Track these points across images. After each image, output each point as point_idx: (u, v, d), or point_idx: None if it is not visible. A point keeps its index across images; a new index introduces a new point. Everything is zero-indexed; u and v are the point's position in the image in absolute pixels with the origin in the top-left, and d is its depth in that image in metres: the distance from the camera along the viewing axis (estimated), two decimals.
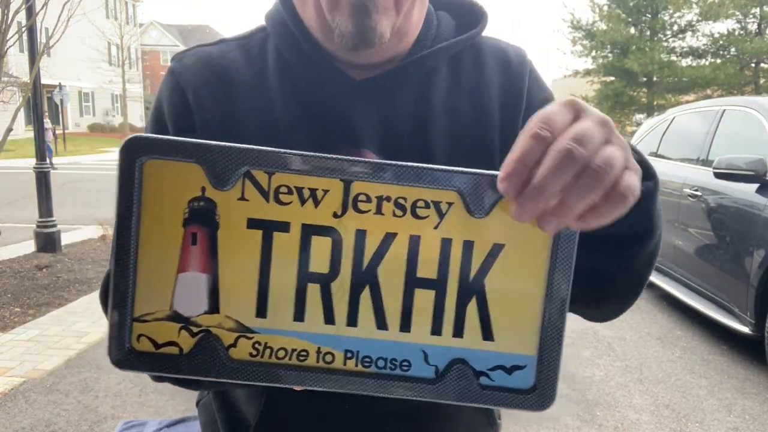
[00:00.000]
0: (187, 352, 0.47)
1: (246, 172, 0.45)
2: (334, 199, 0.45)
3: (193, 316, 0.47)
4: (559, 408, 3.09)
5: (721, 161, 3.88)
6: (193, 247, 0.46)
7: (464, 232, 0.46)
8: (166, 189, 0.45)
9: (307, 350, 0.48)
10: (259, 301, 0.47)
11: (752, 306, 3.53)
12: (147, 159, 0.44)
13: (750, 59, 18.50)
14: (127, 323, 0.47)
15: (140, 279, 0.46)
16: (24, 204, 10.01)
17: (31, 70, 5.91)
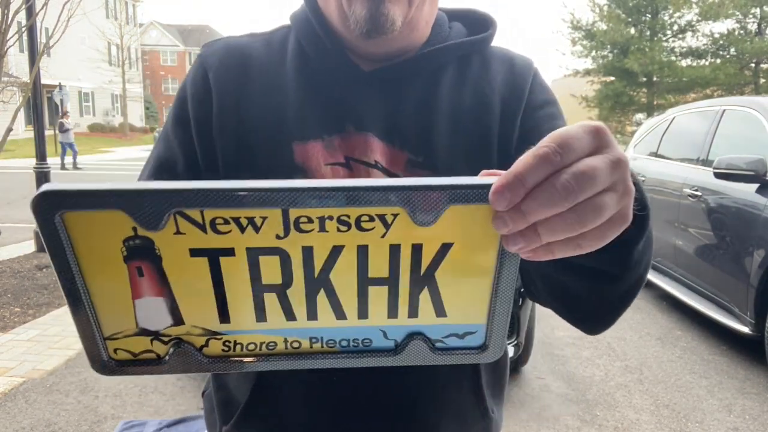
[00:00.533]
0: (163, 356, 0.50)
1: (176, 211, 0.43)
2: (274, 224, 0.44)
3: (160, 329, 0.49)
4: (559, 408, 3.09)
5: (721, 161, 3.88)
6: (141, 278, 0.46)
7: (412, 238, 0.45)
8: (95, 235, 0.43)
9: (275, 341, 0.50)
10: (220, 310, 0.48)
11: (752, 306, 3.53)
12: (65, 212, 0.42)
13: (750, 59, 18.49)
14: (99, 343, 0.49)
15: (99, 312, 0.48)
16: (24, 204, 10.01)
17: (31, 70, 5.91)
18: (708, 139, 4.54)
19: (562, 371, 3.55)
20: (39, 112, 6.42)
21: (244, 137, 0.73)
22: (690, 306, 4.27)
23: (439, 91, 0.75)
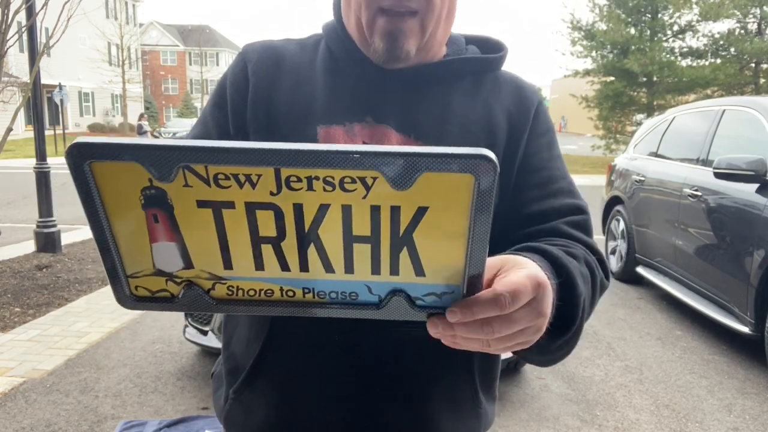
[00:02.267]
0: (176, 295, 0.57)
1: (184, 166, 0.50)
2: (268, 182, 0.50)
3: (173, 271, 0.56)
4: (559, 408, 3.09)
5: (721, 161, 3.88)
6: (156, 224, 0.53)
7: (390, 200, 0.51)
8: (118, 182, 0.51)
9: (272, 289, 0.57)
10: (224, 258, 0.55)
11: (752, 306, 3.53)
12: (92, 162, 0.49)
13: (750, 59, 18.47)
14: (123, 279, 0.57)
15: (123, 252, 0.55)
16: (24, 204, 10.01)
17: (31, 70, 5.91)
18: (708, 139, 4.54)
19: (562, 371, 3.55)
20: (39, 112, 6.42)
21: (274, 121, 0.82)
22: (690, 306, 4.27)
23: (453, 97, 0.83)
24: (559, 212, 0.80)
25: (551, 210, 0.80)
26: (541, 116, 0.87)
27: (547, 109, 0.91)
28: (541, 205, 0.81)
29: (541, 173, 0.83)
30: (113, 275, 0.57)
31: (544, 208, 0.81)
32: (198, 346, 3.34)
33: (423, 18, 0.78)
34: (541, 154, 0.84)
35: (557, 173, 0.84)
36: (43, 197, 6.34)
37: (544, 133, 0.86)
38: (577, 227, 0.79)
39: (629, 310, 4.80)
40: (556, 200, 0.81)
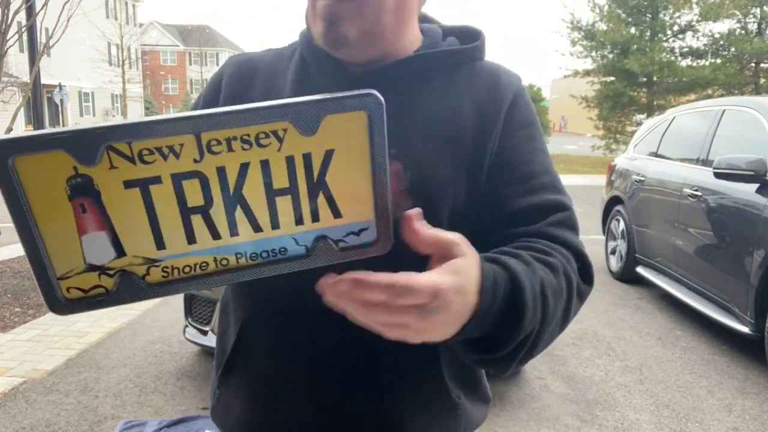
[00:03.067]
0: (111, 289, 0.57)
1: (108, 146, 0.51)
2: (190, 149, 0.53)
3: (105, 263, 0.56)
4: (559, 408, 3.09)
5: (721, 161, 3.87)
6: (85, 215, 0.53)
7: (301, 148, 0.56)
8: (42, 176, 0.51)
9: (207, 261, 0.58)
10: (155, 238, 0.56)
11: (752, 306, 3.53)
12: (15, 156, 0.49)
13: (750, 59, 18.46)
14: (53, 283, 0.55)
15: (50, 252, 0.54)
16: None
17: (31, 70, 5.91)
18: (708, 139, 4.54)
19: (562, 371, 3.55)
20: (39, 112, 6.42)
21: None
22: (690, 306, 4.26)
23: (420, 96, 0.81)
24: (541, 210, 0.77)
25: (533, 207, 0.77)
26: (519, 108, 0.82)
27: (528, 101, 0.86)
28: (522, 203, 0.77)
29: (521, 168, 0.80)
30: (44, 281, 0.55)
31: (525, 205, 0.77)
32: (198, 346, 3.34)
33: (359, 2, 0.76)
34: (520, 149, 0.80)
35: (538, 168, 0.80)
36: None
37: (523, 127, 0.82)
38: (562, 225, 0.77)
39: (629, 310, 4.80)
40: (538, 197, 0.78)
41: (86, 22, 26.25)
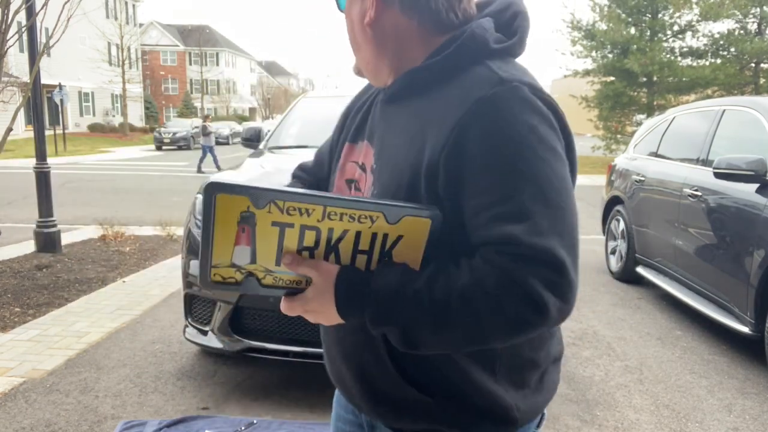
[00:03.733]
0: (239, 281, 0.87)
1: (272, 201, 0.82)
2: (317, 214, 0.84)
3: (242, 265, 0.85)
4: (559, 408, 3.09)
5: (721, 161, 3.87)
6: (242, 234, 0.83)
7: (384, 230, 0.86)
8: (228, 206, 0.81)
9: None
10: (277, 258, 0.86)
11: (752, 306, 3.52)
12: (219, 194, 0.80)
13: (750, 59, 18.46)
14: (208, 268, 0.85)
15: (214, 249, 0.84)
16: (24, 204, 10.00)
17: (31, 70, 5.91)
18: (708, 139, 4.54)
19: (562, 371, 3.54)
20: (39, 112, 6.41)
21: (339, 138, 1.14)
22: (690, 306, 4.26)
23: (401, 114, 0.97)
24: (489, 244, 0.81)
25: (482, 242, 0.82)
26: (472, 134, 0.83)
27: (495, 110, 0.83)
28: (475, 238, 0.84)
29: (476, 201, 0.83)
30: (203, 266, 0.84)
31: (476, 242, 0.83)
32: (198, 346, 3.33)
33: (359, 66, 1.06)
34: (476, 181, 0.83)
35: (493, 199, 0.82)
36: (43, 197, 6.33)
37: (478, 156, 0.83)
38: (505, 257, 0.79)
39: (629, 310, 4.80)
40: (485, 231, 0.82)
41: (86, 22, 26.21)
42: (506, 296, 0.78)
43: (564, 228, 0.81)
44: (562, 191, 0.82)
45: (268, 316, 3.04)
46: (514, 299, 0.78)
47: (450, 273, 0.82)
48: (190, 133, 29.51)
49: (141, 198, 11.50)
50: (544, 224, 0.79)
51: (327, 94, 5.73)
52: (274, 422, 2.81)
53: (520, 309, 0.78)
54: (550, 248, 0.78)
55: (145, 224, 8.10)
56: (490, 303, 0.78)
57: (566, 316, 0.81)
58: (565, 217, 0.82)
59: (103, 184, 13.83)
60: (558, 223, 0.80)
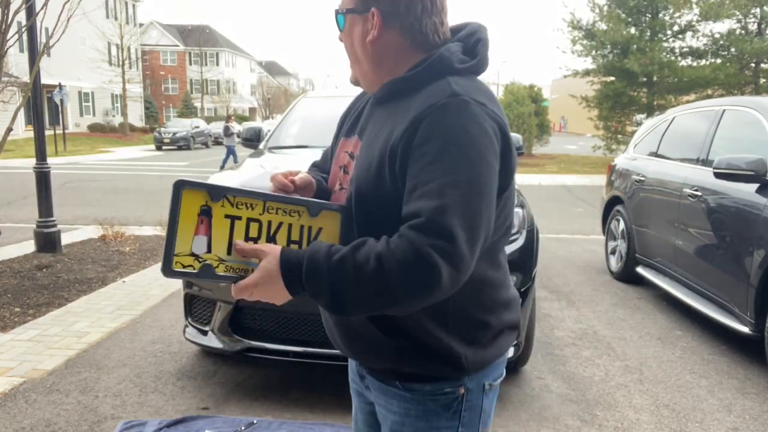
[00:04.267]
0: (197, 270, 1.03)
1: (224, 195, 1.04)
2: (259, 208, 1.07)
3: (199, 254, 1.03)
4: (559, 408, 3.09)
5: (721, 161, 3.87)
6: (201, 225, 1.02)
7: (308, 223, 1.12)
8: (191, 201, 1.02)
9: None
10: (228, 248, 1.05)
11: (752, 306, 3.52)
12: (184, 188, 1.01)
13: (750, 59, 18.45)
14: (171, 257, 1.01)
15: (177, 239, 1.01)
16: (24, 204, 10.00)
17: (31, 70, 5.91)
18: (708, 139, 4.54)
19: (562, 371, 3.55)
20: (39, 112, 6.41)
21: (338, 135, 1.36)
22: (690, 306, 4.26)
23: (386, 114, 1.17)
24: (409, 215, 1.00)
25: (403, 217, 1.02)
26: (421, 128, 1.04)
27: (442, 115, 1.04)
28: (404, 209, 1.03)
29: (408, 184, 1.04)
30: (167, 255, 1.00)
31: (404, 211, 1.02)
32: (198, 346, 3.33)
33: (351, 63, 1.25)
34: (411, 168, 1.04)
35: (420, 180, 1.02)
36: (43, 197, 6.33)
37: (419, 145, 1.03)
38: (410, 227, 0.99)
39: (629, 310, 4.80)
40: (412, 204, 1.01)
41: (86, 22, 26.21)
42: (409, 260, 0.96)
43: (468, 213, 0.99)
44: (476, 186, 1.01)
45: (268, 316, 3.05)
46: (414, 263, 0.96)
47: (370, 243, 1.01)
48: (190, 133, 29.52)
49: (141, 198, 11.50)
50: (449, 206, 0.98)
51: (327, 94, 5.72)
52: (274, 422, 2.81)
53: (418, 271, 0.95)
54: (449, 225, 0.97)
55: (145, 224, 8.10)
56: (397, 265, 0.96)
57: (458, 283, 0.99)
58: (471, 206, 1.00)
59: (103, 184, 13.82)
60: (463, 208, 0.99)
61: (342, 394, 3.14)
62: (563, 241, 7.61)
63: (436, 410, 1.16)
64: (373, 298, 0.99)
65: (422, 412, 1.16)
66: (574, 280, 5.70)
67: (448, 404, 1.16)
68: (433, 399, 1.16)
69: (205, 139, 31.91)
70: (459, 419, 1.17)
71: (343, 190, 1.21)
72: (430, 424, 1.16)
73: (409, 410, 1.17)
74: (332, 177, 1.29)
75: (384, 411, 1.23)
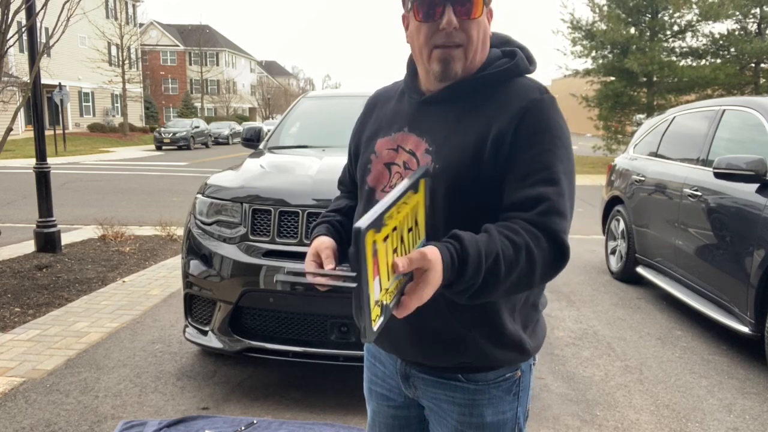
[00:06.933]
0: (382, 315, 0.88)
1: (383, 218, 0.88)
2: (394, 213, 0.95)
3: (379, 298, 0.87)
4: (559, 408, 3.09)
5: (721, 161, 3.87)
6: (374, 267, 0.85)
7: (414, 201, 1.03)
8: (369, 242, 0.84)
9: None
10: (388, 272, 0.89)
11: (752, 306, 3.53)
12: (367, 232, 0.84)
13: (750, 59, 18.45)
14: (369, 321, 0.83)
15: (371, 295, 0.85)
16: (24, 204, 10.01)
17: (31, 70, 5.91)
18: (708, 139, 4.54)
19: (562, 371, 3.55)
20: (39, 112, 6.41)
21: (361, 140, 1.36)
22: (690, 306, 4.26)
23: (462, 112, 1.18)
24: (532, 200, 1.07)
25: (525, 199, 1.08)
26: (526, 121, 1.11)
27: (543, 109, 1.12)
28: (512, 197, 1.10)
29: (523, 167, 1.10)
30: (364, 319, 0.82)
31: (514, 199, 1.09)
32: (198, 346, 3.33)
33: (466, 48, 1.16)
34: (525, 153, 1.10)
35: (537, 166, 1.09)
36: (43, 197, 6.33)
37: (530, 135, 1.11)
38: (546, 213, 1.06)
39: (629, 310, 4.80)
40: (532, 190, 1.08)
41: (86, 22, 26.23)
42: (551, 248, 1.05)
43: (571, 199, 1.12)
44: (573, 175, 1.15)
45: (268, 316, 3.05)
46: (554, 249, 1.05)
47: (516, 235, 1.03)
48: (190, 133, 29.53)
49: (141, 198, 11.50)
50: (565, 191, 1.10)
51: (327, 94, 5.72)
52: (274, 422, 2.81)
53: (557, 257, 1.06)
54: (566, 208, 1.09)
55: (145, 224, 8.10)
56: (542, 256, 1.04)
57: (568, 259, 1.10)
58: (572, 193, 1.13)
59: (103, 184, 13.82)
60: (570, 194, 1.12)
61: (342, 394, 3.14)
62: None
63: (500, 396, 1.23)
64: (516, 287, 1.04)
65: (488, 399, 1.22)
66: (574, 280, 5.70)
67: (509, 388, 1.23)
68: (497, 386, 1.22)
69: (205, 139, 31.94)
70: (518, 400, 1.25)
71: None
72: (496, 409, 1.23)
73: (475, 400, 1.22)
74: (377, 175, 1.26)
75: (445, 405, 1.24)
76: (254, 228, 3.07)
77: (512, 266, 1.01)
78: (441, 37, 1.14)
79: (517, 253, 1.01)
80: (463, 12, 1.14)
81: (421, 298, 0.93)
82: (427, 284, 0.92)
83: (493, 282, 1.00)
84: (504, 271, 1.00)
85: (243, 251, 3.03)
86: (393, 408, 1.36)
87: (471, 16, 1.15)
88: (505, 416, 1.23)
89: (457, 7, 1.13)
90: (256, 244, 3.03)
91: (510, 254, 1.01)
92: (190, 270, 3.20)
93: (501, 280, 1.00)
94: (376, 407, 1.39)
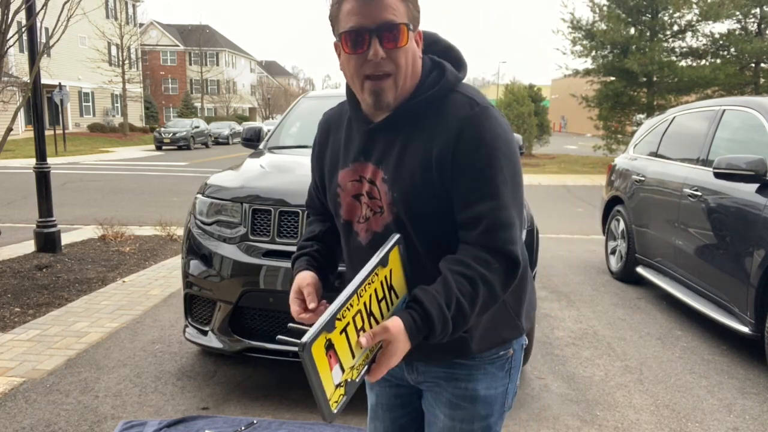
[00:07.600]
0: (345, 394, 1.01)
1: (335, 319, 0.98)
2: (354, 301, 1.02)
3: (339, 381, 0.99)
4: (559, 408, 3.09)
5: (721, 161, 3.87)
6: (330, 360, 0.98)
7: (383, 274, 1.10)
8: (318, 350, 0.96)
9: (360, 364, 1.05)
10: (351, 353, 1.02)
11: (752, 306, 3.53)
12: (312, 347, 0.94)
13: (750, 59, 18.46)
14: (328, 405, 0.98)
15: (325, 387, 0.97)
16: (24, 204, 10.01)
17: (31, 70, 5.91)
18: (708, 139, 4.54)
19: (562, 371, 3.55)
20: (39, 112, 6.41)
21: (323, 170, 1.37)
22: (690, 306, 4.26)
23: (409, 136, 1.20)
24: (473, 220, 1.14)
25: (468, 219, 1.15)
26: (462, 139, 1.15)
27: (476, 124, 1.15)
28: (459, 217, 1.16)
29: (463, 188, 1.15)
30: (323, 405, 0.96)
31: (460, 220, 1.16)
32: (198, 346, 3.33)
33: (396, 77, 1.17)
34: (464, 174, 1.15)
35: (476, 184, 1.14)
36: (43, 197, 6.33)
37: (466, 154, 1.15)
38: (490, 231, 1.13)
39: (629, 310, 4.80)
40: (472, 209, 1.14)
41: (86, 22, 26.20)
42: (502, 266, 1.13)
43: (516, 202, 1.17)
44: (517, 178, 1.18)
45: (268, 316, 3.04)
46: (505, 265, 1.13)
47: (469, 269, 1.11)
48: (190, 133, 29.52)
49: (141, 198, 11.50)
50: (506, 201, 1.14)
51: (327, 94, 5.72)
52: (274, 422, 2.81)
53: (510, 270, 1.14)
54: (510, 217, 1.14)
55: (145, 224, 8.10)
56: (498, 277, 1.12)
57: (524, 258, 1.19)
58: (517, 196, 1.17)
59: (103, 184, 13.82)
60: (515, 196, 1.16)
61: None
62: (563, 241, 7.61)
63: (494, 372, 1.31)
64: (485, 309, 1.15)
65: (483, 374, 1.31)
66: (574, 280, 5.70)
67: (502, 365, 1.32)
68: (491, 362, 1.31)
69: (205, 139, 31.93)
70: (509, 377, 1.34)
71: (378, 215, 1.24)
72: (489, 384, 1.31)
73: (471, 375, 1.30)
74: (348, 208, 1.29)
75: (443, 382, 1.32)
76: (254, 228, 3.07)
77: (474, 300, 1.10)
78: (370, 67, 1.16)
79: (474, 286, 1.10)
80: (390, 41, 1.15)
81: (389, 365, 1.03)
82: (392, 354, 1.03)
83: (462, 320, 1.10)
84: (468, 308, 1.10)
85: (243, 251, 3.03)
86: (394, 387, 1.43)
87: (398, 45, 1.16)
88: (496, 391, 1.32)
89: (384, 35, 1.14)
90: (256, 244, 3.03)
91: (468, 291, 1.09)
92: (190, 270, 3.20)
93: (468, 315, 1.10)
94: (379, 391, 1.46)
